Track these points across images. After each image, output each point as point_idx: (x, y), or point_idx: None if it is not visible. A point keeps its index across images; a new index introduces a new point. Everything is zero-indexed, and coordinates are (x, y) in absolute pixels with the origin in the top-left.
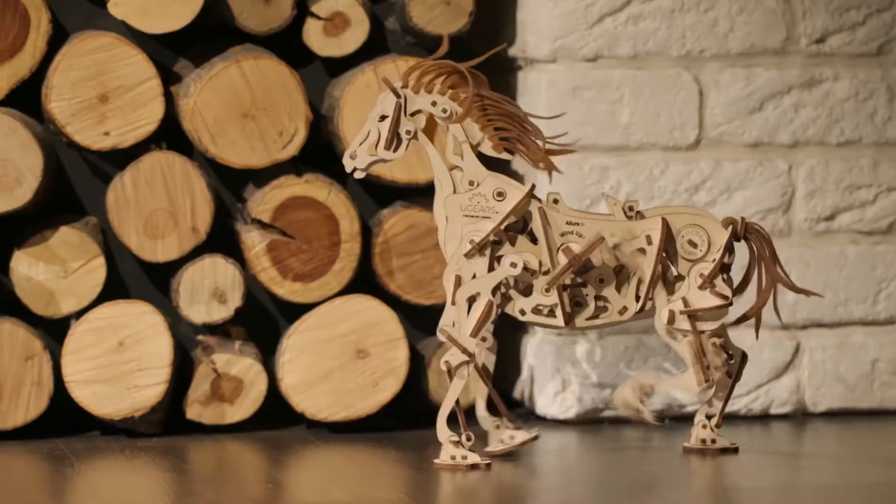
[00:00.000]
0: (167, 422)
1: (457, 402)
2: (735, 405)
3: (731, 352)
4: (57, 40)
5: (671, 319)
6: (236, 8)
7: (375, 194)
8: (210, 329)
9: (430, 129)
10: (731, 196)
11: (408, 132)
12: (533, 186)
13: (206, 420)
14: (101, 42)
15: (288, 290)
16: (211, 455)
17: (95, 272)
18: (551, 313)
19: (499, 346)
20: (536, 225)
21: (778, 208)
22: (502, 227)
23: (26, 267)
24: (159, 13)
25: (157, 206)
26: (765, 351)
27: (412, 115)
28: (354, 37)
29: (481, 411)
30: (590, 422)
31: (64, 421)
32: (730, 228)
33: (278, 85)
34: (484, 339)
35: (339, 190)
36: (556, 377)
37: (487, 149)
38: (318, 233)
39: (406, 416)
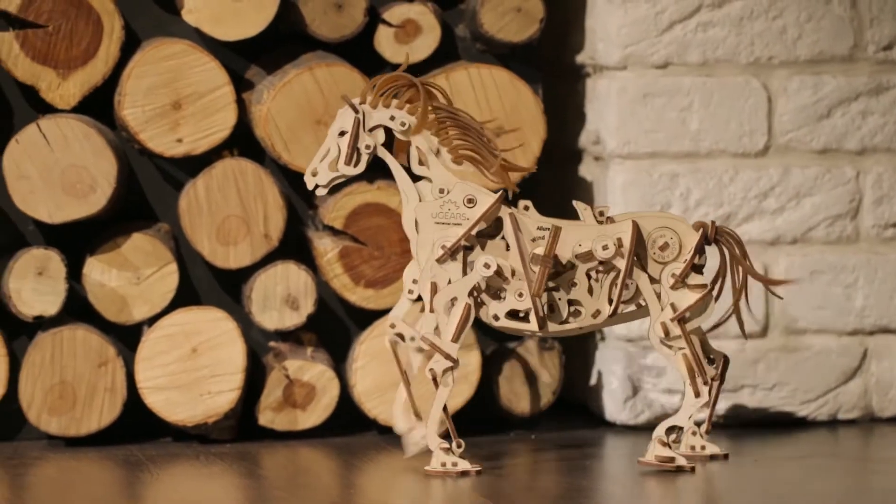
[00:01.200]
0: (238, 428)
1: (444, 408)
2: (803, 410)
3: (712, 356)
4: (129, 47)
5: (667, 332)
6: (308, 15)
7: None
8: (282, 335)
9: (401, 142)
10: (800, 202)
11: (367, 147)
12: (503, 193)
13: (279, 426)
14: (175, 49)
15: (360, 297)
16: (286, 461)
17: (168, 279)
18: (525, 318)
19: (567, 352)
20: (508, 231)
21: (846, 215)
22: (473, 232)
23: (99, 273)
24: (233, 20)
25: (229, 213)
26: (832, 356)
27: (371, 130)
28: (426, 43)
29: (398, 410)
30: None
31: (135, 427)
32: (700, 231)
33: (351, 92)
34: (412, 339)
35: None
36: (626, 383)
37: (446, 160)
38: (390, 239)
39: (478, 422)
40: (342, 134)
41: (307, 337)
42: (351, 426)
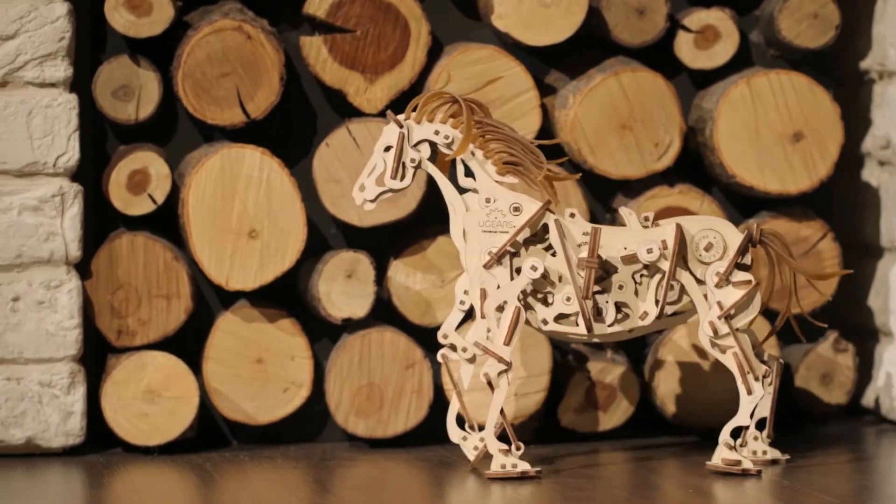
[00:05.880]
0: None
1: (501, 411)
2: None
3: (766, 359)
4: (431, 52)
5: (715, 331)
6: (611, 21)
7: (742, 205)
8: None
9: (444, 157)
10: None
11: (412, 161)
12: (548, 200)
13: (580, 427)
14: (481, 54)
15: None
16: (588, 461)
17: None
18: (573, 322)
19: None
20: (553, 237)
21: None
22: (519, 238)
23: (404, 276)
24: (542, 26)
25: None
26: None
27: (416, 144)
28: (725, 49)
29: (451, 422)
30: None
31: (430, 429)
32: (745, 232)
33: (655, 97)
34: (464, 350)
35: (711, 200)
36: None
37: (491, 173)
38: None
39: (776, 422)
40: (388, 149)
41: None
42: (650, 427)
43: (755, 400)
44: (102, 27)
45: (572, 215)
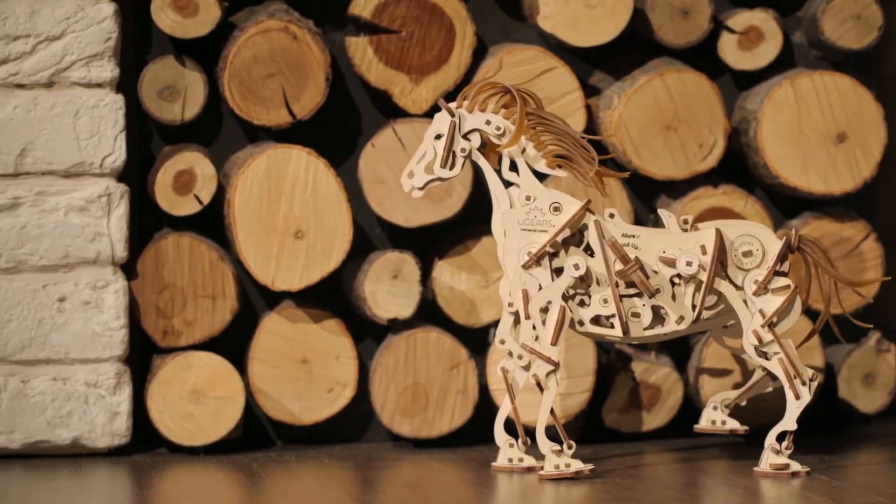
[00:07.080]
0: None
1: (551, 411)
2: None
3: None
4: (476, 53)
5: (760, 339)
6: (656, 21)
7: (785, 205)
8: None
9: (491, 147)
10: None
11: (463, 150)
12: (588, 200)
13: (624, 427)
14: (527, 55)
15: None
16: (633, 461)
17: None
18: (609, 324)
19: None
20: (592, 237)
21: None
22: (558, 238)
23: (449, 277)
24: (588, 27)
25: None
26: None
27: (467, 133)
28: (768, 50)
29: (499, 425)
30: None
31: (474, 429)
32: (784, 239)
33: (699, 97)
34: (520, 357)
35: (754, 201)
36: None
37: (541, 165)
38: None
39: (818, 423)
40: (438, 137)
41: None
42: (684, 427)
43: (802, 405)
44: (148, 27)
45: (611, 215)
